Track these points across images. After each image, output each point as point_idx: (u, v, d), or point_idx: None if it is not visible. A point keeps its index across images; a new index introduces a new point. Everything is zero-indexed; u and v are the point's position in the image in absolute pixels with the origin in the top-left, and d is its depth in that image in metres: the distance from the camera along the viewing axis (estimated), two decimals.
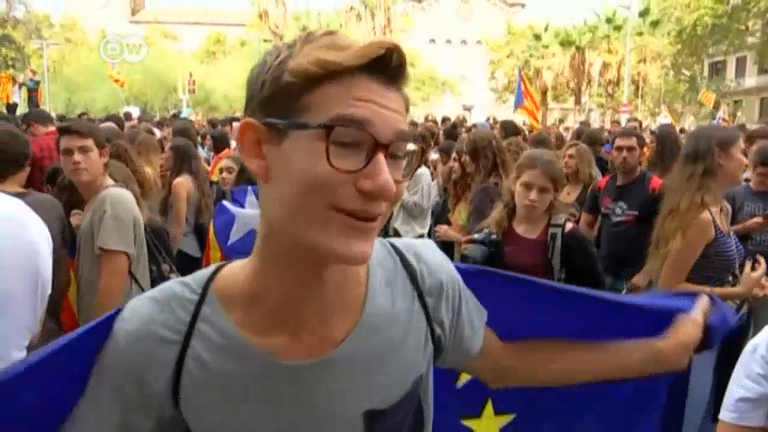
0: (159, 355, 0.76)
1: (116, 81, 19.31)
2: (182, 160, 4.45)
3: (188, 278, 0.81)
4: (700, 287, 2.51)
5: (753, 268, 2.51)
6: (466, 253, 2.65)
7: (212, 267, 0.83)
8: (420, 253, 0.90)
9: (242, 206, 2.80)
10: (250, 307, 0.77)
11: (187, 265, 3.43)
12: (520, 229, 2.77)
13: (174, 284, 0.81)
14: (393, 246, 0.89)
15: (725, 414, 1.64)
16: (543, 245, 2.69)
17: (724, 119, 14.23)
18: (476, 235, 2.72)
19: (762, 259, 2.53)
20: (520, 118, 11.20)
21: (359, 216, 0.67)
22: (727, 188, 2.70)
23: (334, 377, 0.78)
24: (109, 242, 2.52)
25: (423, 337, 0.87)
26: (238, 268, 0.80)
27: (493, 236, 2.69)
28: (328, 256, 0.69)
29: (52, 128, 4.87)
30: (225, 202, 2.82)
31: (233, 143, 7.38)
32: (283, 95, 0.68)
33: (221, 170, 3.73)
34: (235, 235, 2.78)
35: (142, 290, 2.68)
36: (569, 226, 2.73)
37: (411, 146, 0.72)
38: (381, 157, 0.67)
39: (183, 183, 4.31)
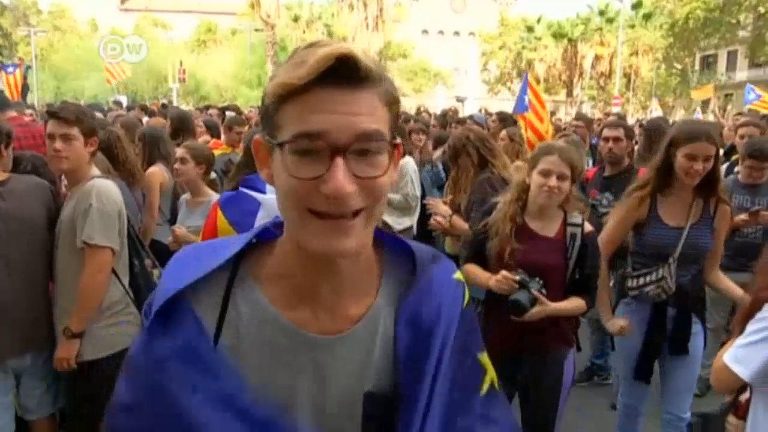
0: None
1: (112, 76, 19.17)
2: (152, 148, 4.32)
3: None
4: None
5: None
6: (515, 297, 2.47)
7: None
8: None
9: (262, 192, 2.60)
10: (277, 283, 0.85)
11: (161, 254, 3.36)
12: (534, 225, 2.62)
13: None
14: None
15: (732, 363, 1.73)
16: (561, 244, 2.56)
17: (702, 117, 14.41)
18: (521, 278, 2.51)
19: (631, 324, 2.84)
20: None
21: (333, 215, 0.74)
22: (685, 182, 2.69)
23: (350, 353, 0.85)
24: (94, 237, 2.45)
25: None
26: (267, 247, 0.88)
27: (542, 287, 2.51)
28: (311, 252, 0.77)
29: (11, 114, 4.62)
30: (244, 189, 2.63)
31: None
32: (266, 115, 0.78)
33: (177, 160, 3.61)
34: (260, 222, 2.60)
35: (121, 284, 2.62)
36: (588, 227, 2.61)
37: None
38: (337, 162, 0.72)
39: (156, 173, 4.15)
